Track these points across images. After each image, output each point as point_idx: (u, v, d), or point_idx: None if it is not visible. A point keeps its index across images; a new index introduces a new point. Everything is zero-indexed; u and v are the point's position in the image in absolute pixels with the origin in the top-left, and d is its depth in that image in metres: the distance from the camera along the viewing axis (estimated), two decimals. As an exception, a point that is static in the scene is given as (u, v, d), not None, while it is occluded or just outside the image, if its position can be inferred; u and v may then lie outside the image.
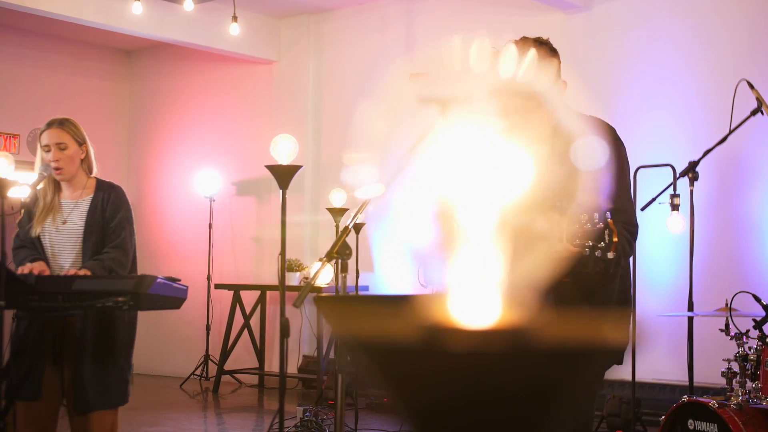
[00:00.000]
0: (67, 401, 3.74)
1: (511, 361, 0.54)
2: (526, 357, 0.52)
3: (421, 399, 0.61)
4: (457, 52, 1.19)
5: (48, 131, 3.77)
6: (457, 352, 0.57)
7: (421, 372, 0.60)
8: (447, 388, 0.58)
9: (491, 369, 0.55)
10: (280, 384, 3.36)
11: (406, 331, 0.60)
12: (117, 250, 3.75)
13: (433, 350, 0.59)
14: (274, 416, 6.09)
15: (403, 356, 0.60)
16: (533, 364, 0.52)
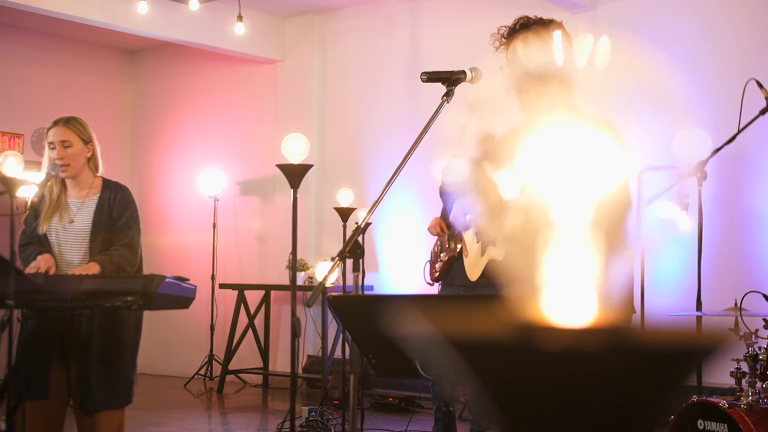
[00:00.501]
0: (73, 401, 3.74)
1: (610, 360, 0.53)
2: (626, 356, 0.51)
3: (515, 398, 0.60)
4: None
5: (54, 129, 3.77)
6: (551, 350, 0.56)
7: (515, 371, 0.59)
8: (541, 387, 0.57)
9: (588, 368, 0.54)
10: (291, 384, 3.35)
11: (500, 330, 0.59)
12: (125, 248, 3.75)
13: (527, 349, 0.58)
14: (285, 416, 6.09)
15: (496, 355, 0.59)
16: (632, 363, 0.51)
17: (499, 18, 7.86)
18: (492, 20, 7.38)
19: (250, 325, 8.07)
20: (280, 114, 8.51)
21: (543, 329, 0.57)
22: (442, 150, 3.99)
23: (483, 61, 6.77)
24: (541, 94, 2.83)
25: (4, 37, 8.61)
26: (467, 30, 7.50)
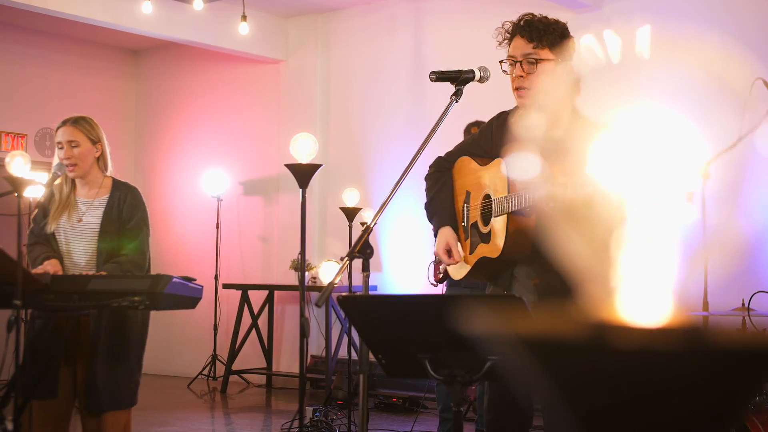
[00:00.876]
0: (79, 401, 3.73)
1: (687, 360, 0.52)
2: (704, 355, 0.50)
3: (589, 397, 0.59)
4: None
5: (62, 128, 3.77)
6: (626, 349, 0.55)
7: (589, 370, 0.58)
8: (615, 387, 0.56)
9: (663, 367, 0.53)
10: (300, 384, 3.34)
11: (574, 328, 0.58)
12: (135, 252, 3.74)
13: (601, 348, 0.57)
14: (294, 415, 6.07)
15: (570, 354, 0.59)
16: (711, 363, 0.50)
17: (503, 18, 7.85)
18: (496, 20, 7.37)
19: (254, 325, 8.06)
20: (284, 114, 8.51)
21: (618, 328, 0.57)
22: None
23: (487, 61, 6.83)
24: (541, 89, 2.83)
25: (7, 37, 8.61)
26: (471, 30, 7.49)
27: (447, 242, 2.97)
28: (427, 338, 2.24)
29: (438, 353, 2.24)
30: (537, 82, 2.83)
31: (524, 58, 2.83)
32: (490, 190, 2.91)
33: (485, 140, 3.09)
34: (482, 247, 2.92)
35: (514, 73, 2.86)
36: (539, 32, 2.82)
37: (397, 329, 2.28)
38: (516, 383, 2.77)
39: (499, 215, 2.82)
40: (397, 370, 2.41)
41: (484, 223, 2.93)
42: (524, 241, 2.80)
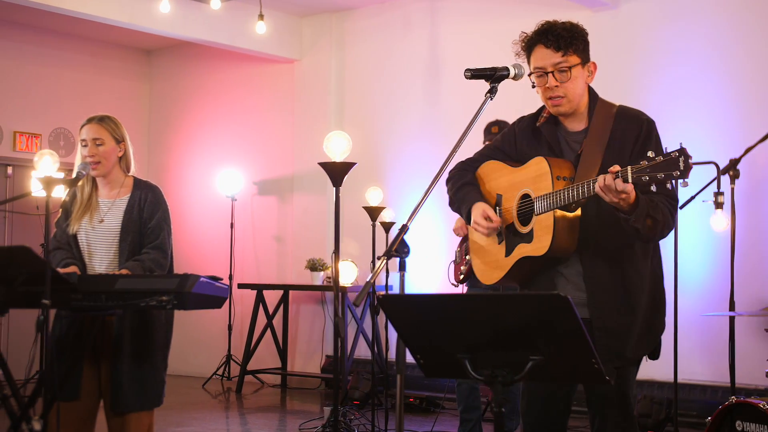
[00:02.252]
0: (104, 402, 3.71)
1: None
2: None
3: None
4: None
5: (87, 126, 3.76)
6: None
7: None
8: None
9: None
10: (334, 384, 3.31)
11: None
12: (156, 251, 3.72)
13: None
14: (330, 415, 6.03)
15: None
16: None
17: (519, 15, 7.87)
18: (511, 18, 7.39)
19: (269, 325, 8.04)
20: (298, 113, 8.49)
21: None
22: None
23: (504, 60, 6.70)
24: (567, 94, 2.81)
25: (21, 37, 8.61)
26: (487, 28, 7.46)
27: (483, 209, 2.92)
28: (467, 337, 2.22)
29: (478, 353, 2.22)
30: (571, 88, 2.82)
31: (555, 68, 2.81)
32: (530, 189, 2.86)
33: (509, 145, 3.05)
34: (523, 247, 2.86)
35: (546, 84, 2.83)
36: (566, 40, 2.81)
37: (437, 328, 2.26)
38: (559, 382, 2.74)
39: (544, 212, 2.78)
40: (435, 369, 2.39)
41: (523, 223, 2.88)
42: (572, 236, 2.77)
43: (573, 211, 2.76)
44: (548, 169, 2.79)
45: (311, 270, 7.79)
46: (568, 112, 2.86)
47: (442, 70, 7.72)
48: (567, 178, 2.78)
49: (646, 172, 2.46)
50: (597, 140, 2.80)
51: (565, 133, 2.92)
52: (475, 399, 5.12)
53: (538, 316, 2.10)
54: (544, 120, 2.94)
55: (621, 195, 2.53)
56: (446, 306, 2.24)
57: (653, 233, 2.69)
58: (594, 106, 2.88)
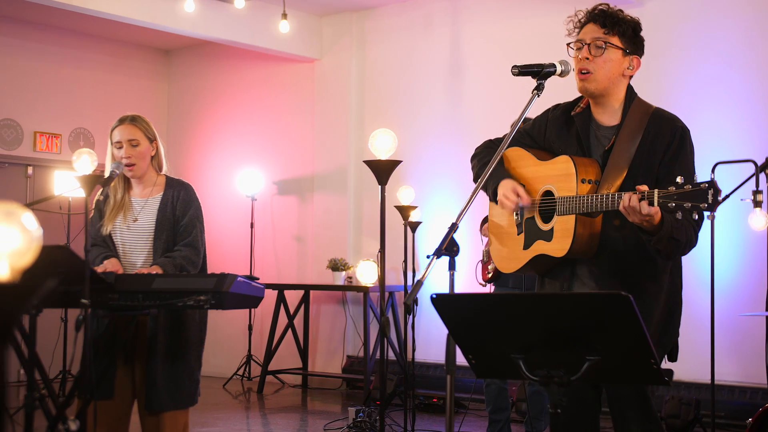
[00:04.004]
0: (138, 401, 3.70)
1: None
2: None
3: None
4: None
5: (120, 128, 3.73)
6: None
7: None
8: None
9: None
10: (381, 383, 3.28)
11: None
12: (188, 248, 3.71)
13: None
14: (377, 418, 5.99)
15: None
16: None
17: (542, 14, 7.82)
18: (535, 16, 7.34)
19: (290, 325, 8.01)
20: (318, 113, 8.47)
21: None
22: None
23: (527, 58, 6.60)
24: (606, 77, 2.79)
25: (41, 38, 8.62)
26: (509, 27, 7.42)
27: (514, 185, 2.89)
28: (522, 337, 2.18)
29: (532, 353, 2.19)
30: (602, 67, 2.79)
31: (593, 41, 2.79)
32: (553, 187, 2.84)
33: (538, 132, 3.03)
34: (542, 244, 2.85)
35: (580, 55, 2.81)
36: (612, 20, 2.80)
37: (491, 328, 2.23)
38: (615, 383, 2.71)
39: (565, 214, 2.75)
40: (487, 370, 2.36)
41: (544, 220, 2.87)
42: (591, 242, 2.76)
43: (595, 217, 2.75)
44: (574, 170, 2.77)
45: (333, 270, 7.76)
46: (594, 91, 2.82)
47: (464, 69, 7.68)
48: (592, 180, 2.76)
49: (673, 199, 2.42)
50: (629, 138, 2.77)
51: (596, 126, 2.89)
52: (503, 400, 5.08)
53: (596, 316, 2.07)
54: (579, 110, 2.92)
55: (645, 217, 2.51)
56: (501, 305, 2.21)
57: (675, 253, 2.66)
58: (630, 103, 2.85)
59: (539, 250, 2.86)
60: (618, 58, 2.80)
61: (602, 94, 2.83)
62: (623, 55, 2.81)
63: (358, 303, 8.05)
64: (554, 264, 2.88)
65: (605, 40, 2.78)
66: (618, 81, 2.83)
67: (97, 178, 3.40)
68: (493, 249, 3.10)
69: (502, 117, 7.29)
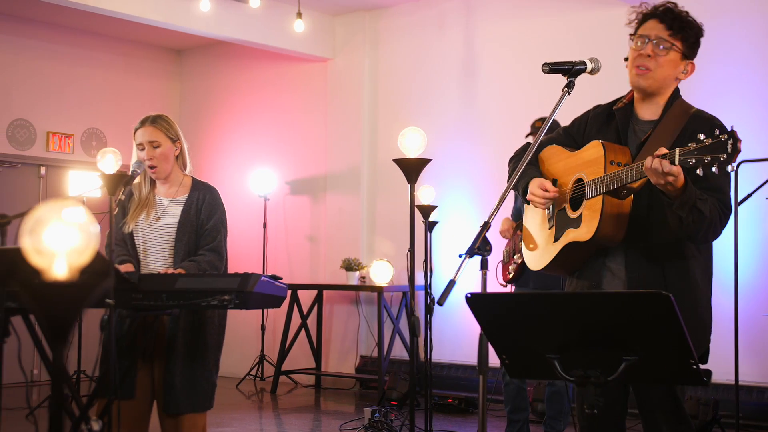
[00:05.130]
0: (157, 403, 3.68)
1: None
2: None
3: None
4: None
5: (141, 129, 3.72)
6: None
7: None
8: None
9: None
10: (410, 384, 3.26)
11: None
12: (212, 253, 3.69)
13: None
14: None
15: None
16: None
17: (556, 13, 7.79)
18: (549, 16, 7.31)
19: (303, 325, 8.00)
20: (331, 113, 8.45)
21: None
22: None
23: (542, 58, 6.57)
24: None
25: (53, 38, 8.62)
26: (523, 26, 7.40)
27: (541, 182, 2.89)
28: (557, 337, 2.16)
29: (568, 353, 2.17)
30: (662, 67, 2.79)
31: (657, 39, 2.77)
32: (583, 174, 2.82)
33: (577, 131, 3.02)
34: (571, 232, 2.83)
35: (641, 49, 2.79)
36: (680, 23, 2.79)
37: (526, 328, 2.21)
38: (652, 383, 2.68)
39: (593, 196, 2.74)
40: (521, 370, 2.34)
41: (573, 208, 2.85)
42: (619, 224, 2.73)
43: (623, 198, 2.71)
44: (602, 153, 2.75)
45: (347, 270, 7.75)
46: (646, 88, 2.81)
47: (477, 68, 7.66)
48: (622, 164, 2.73)
49: (693, 155, 2.41)
50: (667, 133, 2.76)
51: (635, 120, 2.88)
52: (522, 400, 5.06)
53: (635, 315, 2.04)
54: (622, 105, 2.92)
55: (668, 177, 2.48)
56: (537, 305, 2.18)
57: (697, 228, 2.61)
58: (673, 101, 2.84)
59: (569, 239, 2.83)
60: (677, 61, 2.80)
61: (653, 92, 2.83)
62: (681, 59, 2.81)
63: (371, 303, 8.03)
64: (584, 255, 2.85)
65: (671, 42, 2.77)
66: (671, 82, 2.84)
67: (122, 177, 3.38)
68: (526, 249, 3.07)
69: (516, 116, 7.27)
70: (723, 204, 2.68)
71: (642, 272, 2.75)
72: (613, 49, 3.70)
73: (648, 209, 2.73)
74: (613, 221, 2.72)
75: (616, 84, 3.49)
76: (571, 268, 2.94)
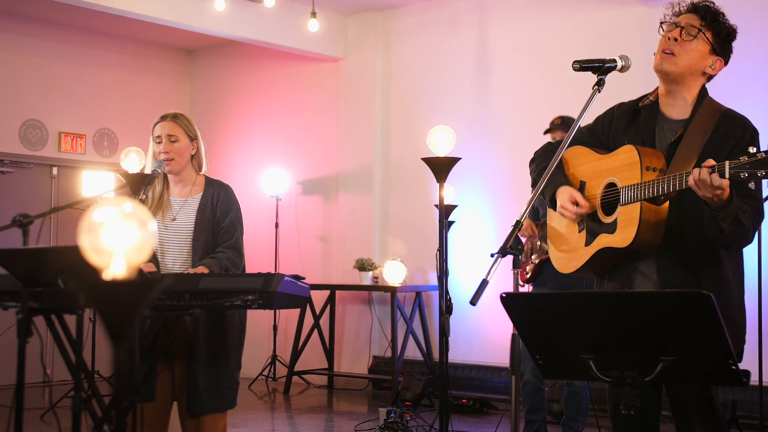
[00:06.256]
0: (179, 403, 3.67)
1: None
2: None
3: None
4: None
5: (161, 123, 3.73)
6: None
7: None
8: None
9: None
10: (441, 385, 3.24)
11: None
12: (231, 250, 3.69)
13: None
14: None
15: None
16: None
17: (570, 12, 7.74)
18: (563, 14, 7.28)
19: (316, 325, 7.98)
20: (343, 112, 8.43)
21: None
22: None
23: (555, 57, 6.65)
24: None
25: (65, 38, 8.62)
26: (536, 26, 7.37)
27: (571, 194, 2.84)
28: (593, 337, 2.14)
29: (604, 353, 2.14)
30: (687, 53, 2.75)
31: (687, 26, 2.76)
32: (616, 178, 2.78)
33: (601, 127, 2.99)
34: (605, 237, 2.79)
35: (669, 35, 2.77)
36: (712, 15, 2.77)
37: (561, 328, 2.18)
38: (690, 383, 2.66)
39: (630, 203, 2.70)
40: (555, 370, 2.32)
41: (606, 213, 2.81)
42: (657, 230, 2.70)
43: (660, 204, 2.68)
44: (638, 158, 2.71)
45: (360, 270, 7.73)
46: (669, 73, 2.77)
47: (491, 68, 7.63)
48: (658, 168, 2.70)
49: (746, 168, 2.38)
50: (699, 133, 2.72)
51: (663, 119, 2.84)
52: (540, 400, 5.04)
53: (674, 315, 2.02)
54: (648, 102, 2.88)
55: (716, 191, 2.46)
56: (573, 304, 2.16)
57: (734, 238, 2.60)
58: (702, 100, 2.81)
59: (602, 244, 2.80)
60: (705, 51, 2.76)
61: (676, 80, 2.78)
62: (710, 52, 2.77)
63: (383, 303, 8.02)
64: (616, 260, 2.82)
65: (699, 29, 2.75)
66: (696, 75, 2.79)
67: (146, 177, 3.37)
68: (552, 252, 3.03)
69: (530, 116, 7.25)
70: (756, 212, 2.66)
71: (675, 274, 2.72)
72: (628, 48, 3.67)
73: (678, 213, 2.70)
74: (652, 228, 2.69)
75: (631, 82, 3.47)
76: (602, 270, 2.90)
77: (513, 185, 7.26)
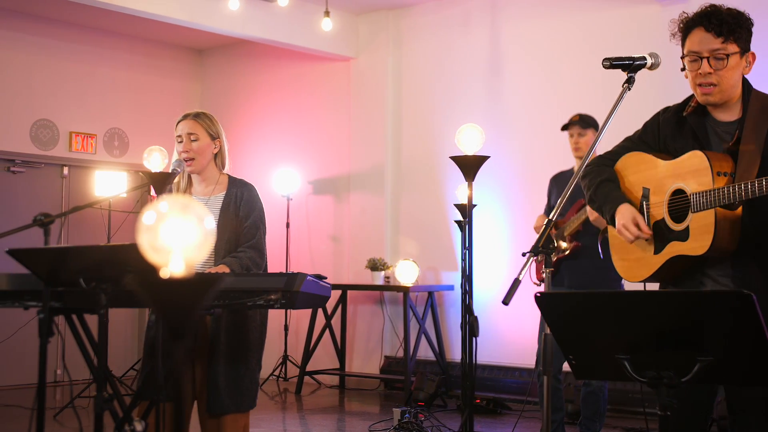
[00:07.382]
0: (199, 403, 3.65)
1: None
2: None
3: None
4: None
5: (182, 122, 3.72)
6: None
7: None
8: None
9: None
10: (462, 385, 3.22)
11: None
12: (253, 250, 3.67)
13: None
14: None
15: None
16: None
17: (583, 11, 7.70)
18: (576, 14, 7.25)
19: (327, 325, 7.96)
20: (354, 112, 8.41)
21: None
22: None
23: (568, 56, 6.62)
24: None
25: (75, 37, 8.61)
26: (549, 25, 7.34)
27: (633, 216, 2.78)
28: (628, 337, 2.12)
29: (639, 353, 2.12)
30: (726, 77, 2.69)
31: (711, 54, 2.68)
32: (683, 185, 2.72)
33: (651, 135, 2.92)
34: (677, 245, 2.72)
35: (699, 69, 2.70)
36: (729, 26, 2.69)
37: (596, 328, 2.16)
38: (727, 384, 2.63)
39: (702, 209, 2.64)
40: (588, 371, 2.30)
41: (676, 220, 2.75)
42: (733, 236, 2.65)
43: (735, 209, 2.63)
44: (708, 164, 2.64)
45: (372, 270, 7.71)
46: (718, 102, 2.73)
47: (503, 67, 7.61)
48: (728, 173, 2.64)
49: None
50: (755, 129, 2.67)
51: (714, 123, 2.79)
52: (558, 400, 5.01)
53: (712, 315, 2.00)
54: (691, 110, 2.82)
55: None
56: (609, 304, 2.14)
57: None
58: (748, 97, 2.75)
59: (674, 252, 2.73)
60: (738, 62, 2.72)
61: (726, 101, 2.75)
62: (740, 57, 2.72)
63: (395, 303, 8.00)
64: (687, 268, 2.76)
65: (725, 53, 2.68)
66: (738, 82, 2.75)
67: (168, 176, 3.36)
68: (617, 261, 2.97)
69: (542, 116, 7.22)
70: None
71: (747, 277, 2.68)
72: (641, 48, 3.65)
73: (750, 215, 2.66)
74: (728, 234, 2.64)
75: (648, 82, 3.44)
76: (672, 278, 2.84)
77: (526, 184, 7.24)
